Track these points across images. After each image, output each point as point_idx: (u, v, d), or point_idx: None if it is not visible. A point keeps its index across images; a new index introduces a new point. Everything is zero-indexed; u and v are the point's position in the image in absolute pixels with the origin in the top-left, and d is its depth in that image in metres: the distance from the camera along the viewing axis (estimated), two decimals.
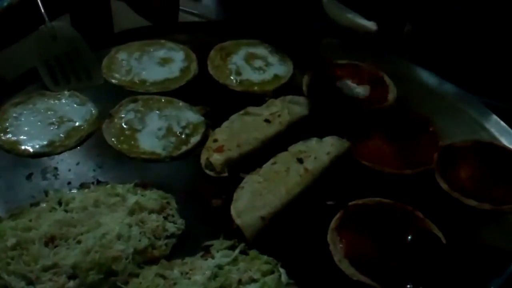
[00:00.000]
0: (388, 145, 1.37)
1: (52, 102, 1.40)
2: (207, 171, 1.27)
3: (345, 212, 1.20)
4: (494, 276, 1.03)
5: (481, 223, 1.23)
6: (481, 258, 1.07)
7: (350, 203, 1.22)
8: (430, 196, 1.27)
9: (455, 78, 1.55)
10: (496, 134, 1.42)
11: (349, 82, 1.54)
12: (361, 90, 1.52)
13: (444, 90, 1.54)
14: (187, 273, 1.04)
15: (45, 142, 1.30)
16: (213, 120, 1.39)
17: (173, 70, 1.52)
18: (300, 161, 1.27)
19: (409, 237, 1.05)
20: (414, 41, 1.67)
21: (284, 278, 1.05)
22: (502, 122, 1.44)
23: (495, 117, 1.45)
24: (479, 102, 1.49)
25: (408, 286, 1.03)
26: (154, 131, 1.34)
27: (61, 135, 1.32)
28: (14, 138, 1.30)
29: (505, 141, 1.40)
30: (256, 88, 1.51)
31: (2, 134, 1.31)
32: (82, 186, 1.20)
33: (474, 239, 1.18)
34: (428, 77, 1.57)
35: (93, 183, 1.21)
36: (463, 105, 1.50)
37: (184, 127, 1.35)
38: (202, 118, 1.38)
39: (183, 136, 1.34)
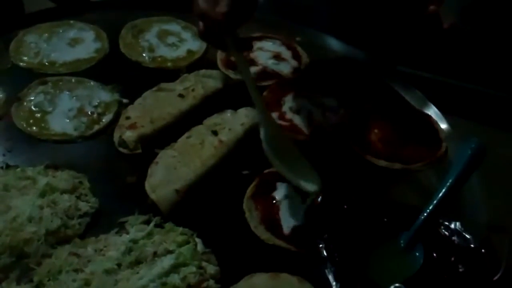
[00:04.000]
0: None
1: None
2: (121, 149, 1.26)
3: (260, 179, 1.22)
4: (403, 230, 1.08)
5: (392, 182, 1.28)
6: (391, 214, 1.11)
7: (265, 171, 1.24)
8: (344, 159, 1.30)
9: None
10: (405, 96, 1.47)
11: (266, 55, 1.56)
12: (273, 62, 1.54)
13: (353, 56, 1.57)
14: (101, 250, 1.03)
15: None
16: (127, 98, 1.37)
17: (83, 50, 1.49)
18: (215, 133, 1.28)
19: (318, 198, 1.08)
20: None
21: (200, 247, 1.06)
22: (409, 85, 1.49)
23: (402, 80, 1.50)
24: (387, 67, 1.54)
25: (320, 245, 1.05)
26: (64, 112, 1.32)
27: None
28: None
29: (412, 101, 1.45)
30: (169, 64, 1.50)
31: None
32: None
33: (385, 197, 1.22)
34: (337, 45, 1.60)
35: (2, 167, 1.18)
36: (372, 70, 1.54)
37: (96, 107, 1.34)
38: (115, 97, 1.37)
39: (94, 115, 1.32)
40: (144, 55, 1.51)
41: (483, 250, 1.03)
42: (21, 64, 1.45)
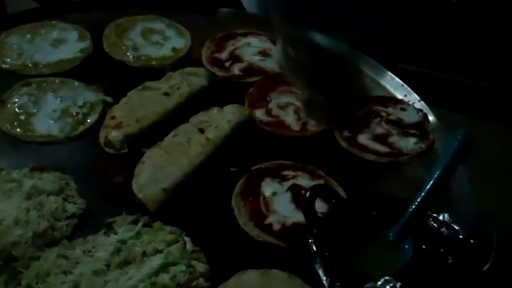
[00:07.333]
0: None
1: None
2: (107, 149, 1.25)
3: (248, 176, 1.22)
4: (392, 223, 1.08)
5: (380, 176, 1.28)
6: (380, 208, 1.11)
7: (253, 168, 1.23)
8: (331, 154, 1.30)
9: None
10: (391, 89, 1.47)
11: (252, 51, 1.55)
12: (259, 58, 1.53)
13: (339, 52, 1.56)
14: (89, 251, 1.02)
15: None
16: (112, 98, 1.36)
17: (67, 50, 1.48)
18: (201, 131, 1.27)
19: (307, 194, 1.08)
20: None
21: (189, 246, 1.06)
22: (396, 78, 1.49)
23: (389, 74, 1.50)
24: (374, 61, 1.53)
25: (310, 240, 1.05)
26: (49, 113, 1.31)
27: None
28: None
29: (400, 96, 1.45)
30: (154, 62, 1.50)
31: None
32: None
33: (373, 191, 1.22)
34: (323, 40, 1.59)
35: None
36: (358, 65, 1.53)
37: (80, 107, 1.33)
38: (99, 97, 1.36)
39: (79, 116, 1.31)
40: (128, 54, 1.51)
41: (472, 241, 1.03)
42: (3, 66, 1.43)
